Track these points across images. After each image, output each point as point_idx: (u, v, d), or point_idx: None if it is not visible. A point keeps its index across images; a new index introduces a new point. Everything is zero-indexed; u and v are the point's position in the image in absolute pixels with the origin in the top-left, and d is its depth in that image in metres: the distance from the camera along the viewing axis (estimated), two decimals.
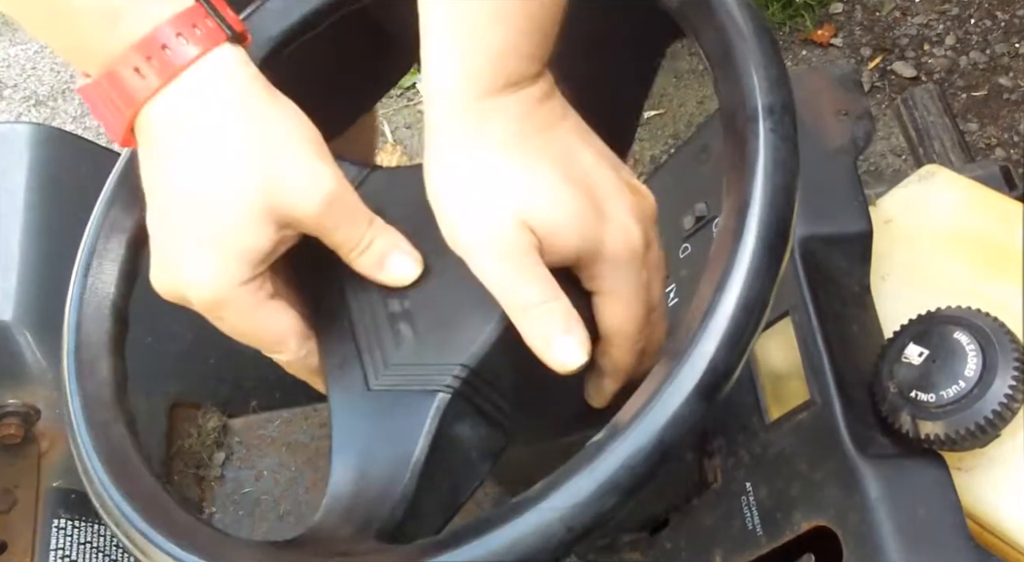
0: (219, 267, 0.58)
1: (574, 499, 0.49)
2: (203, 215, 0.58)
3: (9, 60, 2.43)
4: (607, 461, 0.50)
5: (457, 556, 0.50)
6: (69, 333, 0.64)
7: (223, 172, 0.58)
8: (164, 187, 0.60)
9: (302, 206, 0.58)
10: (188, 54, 0.57)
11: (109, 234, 0.66)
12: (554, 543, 0.50)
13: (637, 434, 0.50)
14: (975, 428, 0.62)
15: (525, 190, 0.56)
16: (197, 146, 0.58)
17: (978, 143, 1.77)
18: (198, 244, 0.58)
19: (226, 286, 0.58)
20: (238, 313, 0.59)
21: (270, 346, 0.61)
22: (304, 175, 0.58)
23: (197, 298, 0.59)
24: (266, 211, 0.58)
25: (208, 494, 1.01)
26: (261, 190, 0.57)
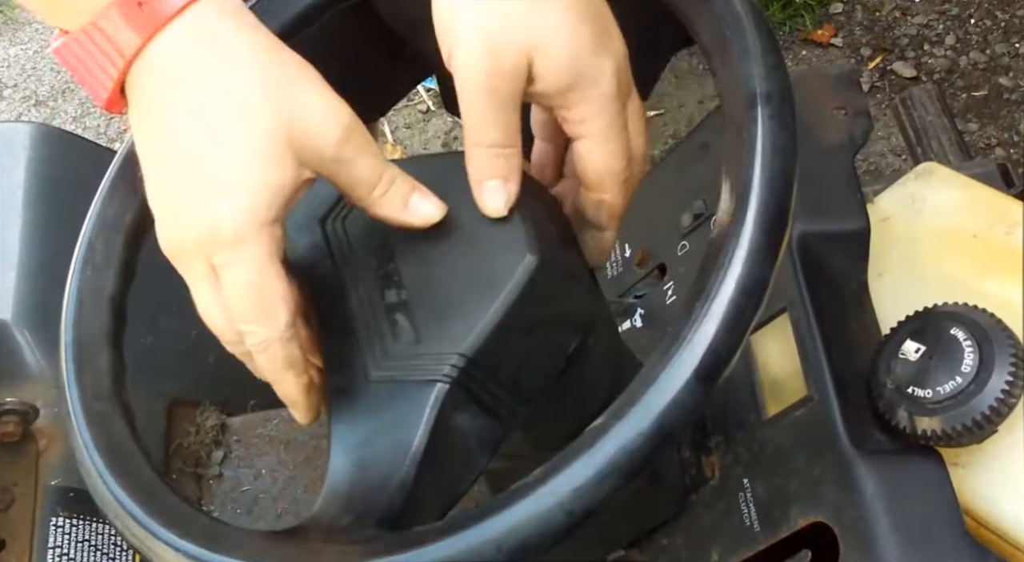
0: (243, 203, 0.55)
1: (574, 484, 0.49)
2: (221, 155, 0.55)
3: (9, 60, 2.43)
4: (607, 445, 0.50)
5: (456, 542, 0.50)
6: (67, 327, 0.64)
7: (238, 110, 0.55)
8: (171, 135, 0.57)
9: (323, 136, 0.56)
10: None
11: (107, 229, 0.66)
12: (554, 528, 0.50)
13: (636, 418, 0.50)
14: (972, 424, 0.62)
15: (536, 15, 0.57)
16: (207, 88, 0.56)
17: (978, 143, 1.77)
18: (222, 183, 0.55)
19: (250, 224, 0.55)
20: (251, 260, 0.56)
21: (263, 311, 0.58)
22: (321, 107, 0.57)
23: (217, 237, 0.56)
24: (286, 145, 0.56)
25: (206, 492, 1.01)
26: (279, 124, 0.55)
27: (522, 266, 0.58)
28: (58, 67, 2.37)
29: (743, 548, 0.69)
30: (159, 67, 0.56)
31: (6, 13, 2.52)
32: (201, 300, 0.59)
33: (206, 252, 0.57)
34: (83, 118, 2.28)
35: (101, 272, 0.65)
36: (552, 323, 0.61)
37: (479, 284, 0.58)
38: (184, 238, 0.57)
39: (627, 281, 0.87)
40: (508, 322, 0.57)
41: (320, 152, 0.57)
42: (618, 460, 0.50)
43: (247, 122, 0.55)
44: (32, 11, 0.60)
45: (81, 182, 1.02)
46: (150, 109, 0.57)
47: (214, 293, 0.58)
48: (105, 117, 2.28)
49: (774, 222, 0.53)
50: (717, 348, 0.51)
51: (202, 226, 0.56)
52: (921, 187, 0.79)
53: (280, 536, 0.57)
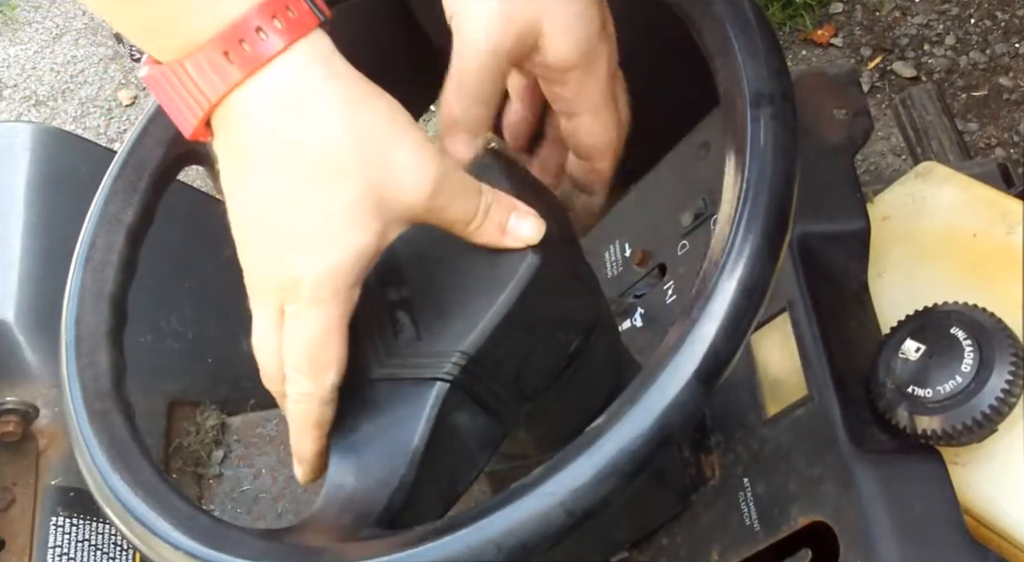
0: (327, 266, 0.55)
1: (573, 484, 0.49)
2: (313, 215, 0.55)
3: (9, 60, 2.43)
4: (607, 445, 0.50)
5: (456, 541, 0.50)
6: (68, 325, 0.64)
7: (329, 172, 0.55)
8: (259, 181, 0.56)
9: (414, 194, 0.56)
10: (280, 41, 0.54)
11: (108, 227, 0.66)
12: (554, 528, 0.50)
13: (637, 418, 0.50)
14: (972, 423, 0.62)
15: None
16: (297, 141, 0.55)
17: (978, 143, 1.77)
18: (308, 243, 0.55)
19: (331, 286, 0.56)
20: (322, 321, 0.57)
21: (316, 369, 0.58)
22: (411, 163, 0.56)
23: (296, 292, 0.56)
24: (375, 207, 0.55)
25: (206, 492, 1.01)
26: (370, 187, 0.55)
27: (524, 265, 0.58)
28: (58, 67, 2.38)
29: (743, 547, 0.69)
30: (249, 110, 0.55)
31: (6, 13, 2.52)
32: (260, 336, 0.59)
33: (281, 299, 0.57)
34: (83, 118, 2.28)
35: (102, 269, 0.65)
36: (553, 322, 0.61)
37: (481, 283, 0.58)
38: (264, 280, 0.58)
39: (627, 281, 0.87)
40: (509, 321, 0.57)
41: (412, 209, 0.57)
42: (618, 460, 0.50)
43: (338, 185, 0.55)
44: (127, 37, 0.59)
45: (81, 182, 1.02)
46: (238, 150, 0.57)
47: (275, 334, 0.58)
48: (105, 117, 2.28)
49: (775, 224, 0.53)
50: (717, 349, 0.51)
51: (284, 277, 0.56)
52: (921, 187, 0.79)
53: (280, 534, 0.57)
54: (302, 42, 0.54)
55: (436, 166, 0.57)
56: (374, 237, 0.56)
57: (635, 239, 0.88)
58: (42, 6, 2.52)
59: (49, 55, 2.41)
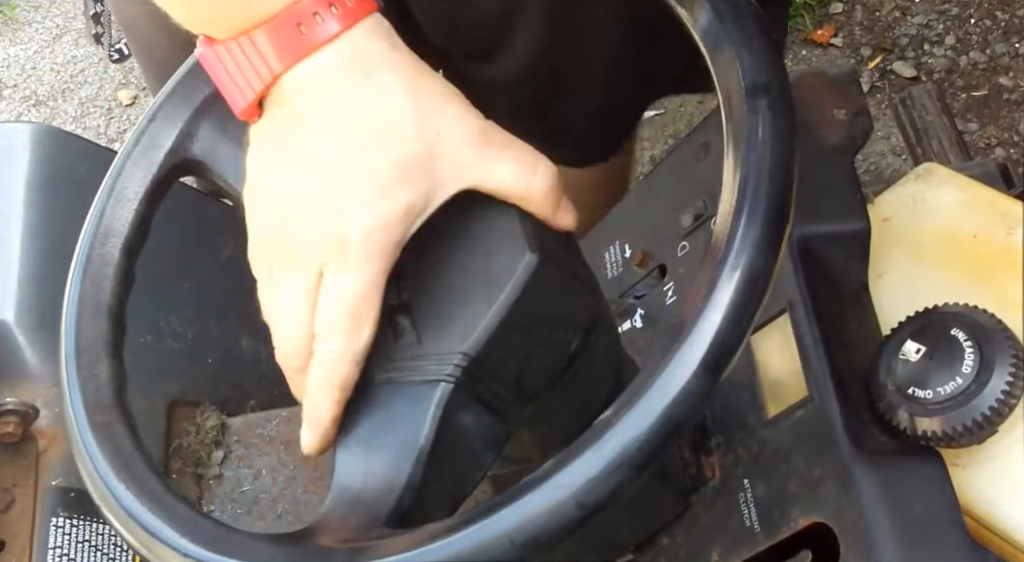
0: (379, 221, 0.57)
1: (585, 476, 0.49)
2: (364, 173, 0.57)
3: (9, 60, 2.43)
4: (616, 437, 0.50)
5: (469, 537, 0.50)
6: (67, 337, 0.64)
7: (386, 131, 0.57)
8: (314, 149, 0.58)
9: (464, 148, 0.58)
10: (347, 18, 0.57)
11: (104, 239, 0.66)
12: (566, 521, 0.50)
13: (645, 409, 0.50)
14: (972, 424, 0.62)
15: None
16: (355, 109, 0.57)
17: (978, 143, 1.77)
18: (361, 197, 0.57)
19: (380, 242, 0.57)
20: (367, 276, 0.58)
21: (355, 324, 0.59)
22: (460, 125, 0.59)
23: (343, 250, 0.57)
24: (427, 166, 0.57)
25: (207, 493, 1.01)
26: (425, 146, 0.57)
27: (522, 265, 0.58)
28: (58, 67, 2.37)
29: (743, 548, 0.69)
30: (307, 86, 0.58)
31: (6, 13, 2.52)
32: (291, 304, 0.60)
33: (322, 260, 0.58)
34: (83, 118, 2.28)
35: (99, 282, 0.65)
36: (553, 321, 0.61)
37: (480, 284, 0.58)
38: (306, 245, 0.59)
39: (627, 281, 0.87)
40: (510, 321, 0.58)
41: (465, 163, 0.58)
42: (628, 451, 0.50)
43: (393, 146, 0.57)
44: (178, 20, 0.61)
45: (81, 182, 1.02)
46: (292, 122, 0.59)
47: (308, 301, 0.59)
48: (105, 117, 2.28)
49: (776, 211, 0.53)
50: (723, 338, 0.51)
51: (330, 237, 0.57)
52: (921, 187, 0.79)
53: (290, 539, 0.57)
54: (367, 19, 0.58)
55: (480, 123, 0.59)
56: (423, 195, 0.58)
57: (635, 240, 0.88)
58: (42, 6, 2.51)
59: (49, 55, 2.40)
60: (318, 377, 0.60)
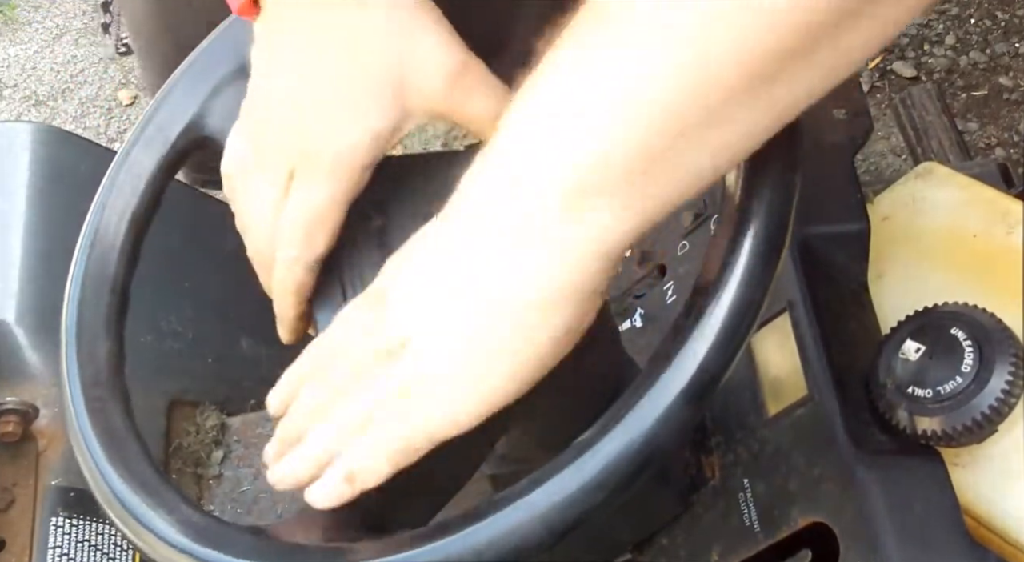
0: (348, 142, 0.59)
1: (555, 498, 0.49)
2: (337, 91, 0.59)
3: (9, 60, 2.43)
4: (591, 460, 0.49)
5: (435, 551, 0.49)
6: (69, 311, 0.64)
7: (358, 50, 0.59)
8: (299, 55, 0.60)
9: (435, 77, 0.59)
10: None
11: (112, 215, 0.66)
12: (533, 542, 0.49)
13: (623, 434, 0.49)
14: (972, 423, 0.62)
15: None
16: (340, 20, 0.59)
17: (978, 143, 1.77)
18: (334, 115, 0.59)
19: (348, 163, 0.59)
20: (330, 193, 0.60)
21: (310, 236, 0.61)
22: (435, 50, 0.60)
23: (314, 163, 0.59)
24: (398, 90, 0.59)
25: (206, 492, 1.01)
26: (393, 69, 0.59)
27: None
28: (58, 67, 2.37)
29: (743, 548, 0.69)
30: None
31: (6, 13, 2.52)
32: (262, 201, 0.62)
33: (292, 166, 0.60)
34: (83, 118, 2.28)
35: (105, 256, 0.65)
36: None
37: None
38: (281, 146, 0.61)
39: (626, 281, 0.87)
40: None
41: (435, 92, 0.60)
42: (602, 477, 0.49)
43: (364, 64, 0.59)
44: None
45: (81, 182, 1.02)
46: (280, 25, 0.61)
47: (278, 201, 0.61)
48: (105, 117, 2.28)
49: (770, 243, 0.52)
50: (707, 368, 0.50)
51: (305, 145, 0.60)
52: (921, 187, 0.79)
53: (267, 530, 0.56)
54: None
55: (460, 55, 0.60)
56: (392, 121, 0.59)
57: None
58: (42, 6, 2.51)
59: (49, 55, 2.40)
60: (279, 282, 0.63)
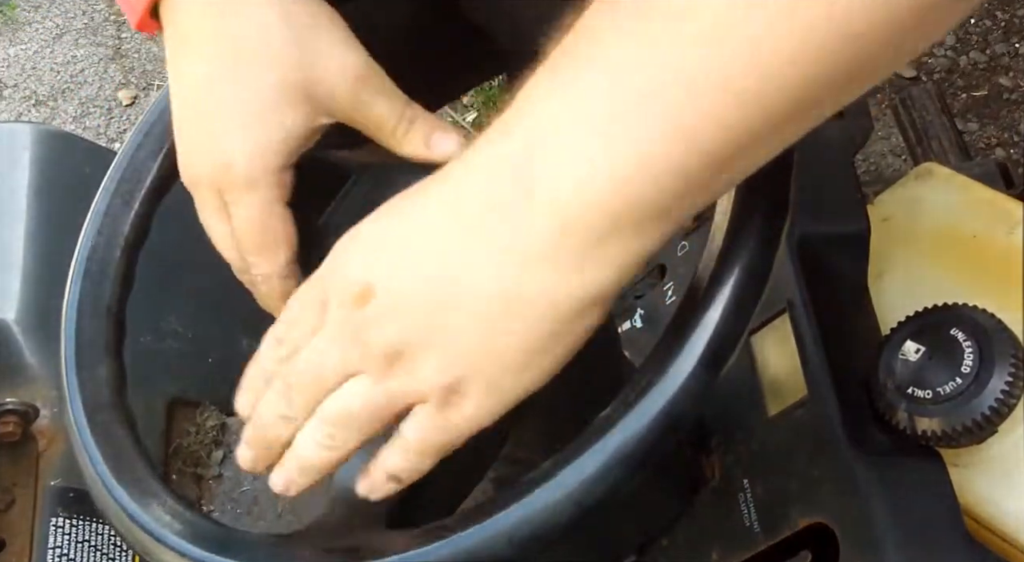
0: (255, 148, 0.59)
1: (582, 475, 0.49)
2: (242, 96, 0.58)
3: (9, 60, 2.43)
4: (616, 435, 0.50)
5: (467, 537, 0.50)
6: (67, 338, 0.64)
7: (259, 54, 0.58)
8: (194, 70, 0.60)
9: (338, 81, 0.59)
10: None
11: (104, 239, 0.66)
12: (564, 519, 0.49)
13: (645, 407, 0.50)
14: (972, 424, 0.62)
15: None
16: (231, 25, 0.58)
17: (978, 143, 1.77)
18: (238, 124, 0.59)
19: (260, 168, 0.59)
20: (258, 202, 0.60)
21: (266, 248, 0.61)
22: (338, 53, 0.59)
23: (229, 177, 0.59)
24: (302, 91, 0.58)
25: (206, 492, 1.01)
26: (296, 71, 0.58)
27: None
28: (58, 67, 2.37)
29: (743, 549, 0.68)
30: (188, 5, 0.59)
31: (6, 13, 2.52)
32: (213, 230, 0.63)
33: (217, 186, 0.60)
34: (83, 118, 2.28)
35: (99, 283, 0.65)
36: None
37: None
38: (199, 172, 0.61)
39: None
40: None
41: (335, 96, 0.59)
42: (626, 450, 0.50)
43: (265, 67, 0.58)
44: None
45: (81, 182, 1.02)
46: (179, 37, 0.60)
47: (225, 224, 0.61)
48: (105, 117, 2.28)
49: (774, 208, 0.53)
50: (721, 334, 0.51)
51: (216, 163, 0.59)
52: (921, 188, 0.79)
53: (289, 539, 0.56)
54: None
55: (361, 61, 0.60)
56: (301, 118, 0.59)
57: None
58: (42, 6, 2.51)
59: (49, 55, 2.40)
60: (263, 297, 0.63)
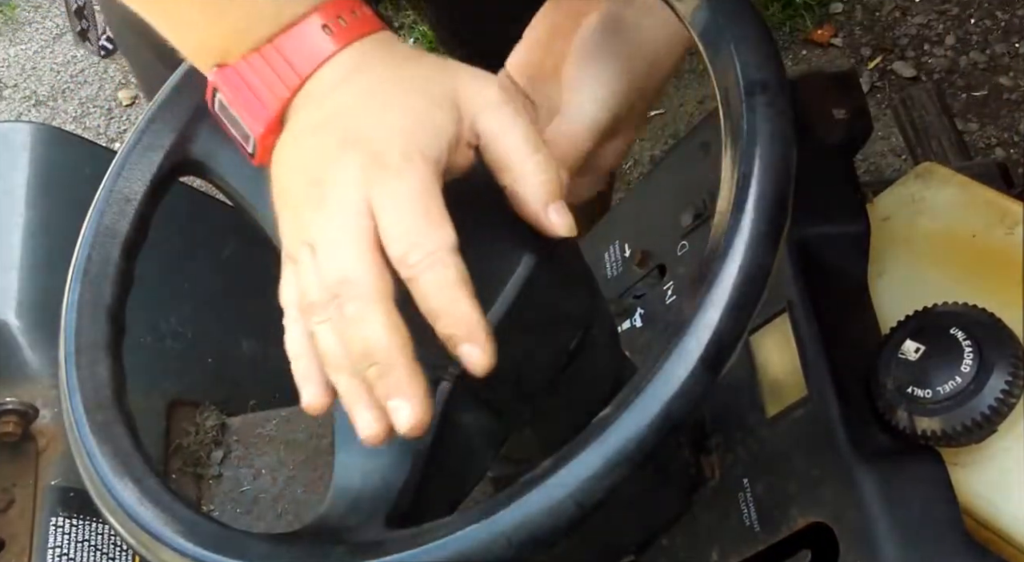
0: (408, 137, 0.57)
1: (583, 474, 0.49)
2: (389, 108, 0.58)
3: (9, 60, 2.43)
4: (615, 435, 0.50)
5: (466, 537, 0.50)
6: (66, 339, 0.64)
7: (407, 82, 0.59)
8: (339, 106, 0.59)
9: (482, 101, 0.59)
10: (358, 29, 0.60)
11: (103, 239, 0.66)
12: (564, 520, 0.49)
13: (643, 407, 0.50)
14: (971, 424, 0.62)
15: None
16: (379, 74, 0.60)
17: (978, 143, 1.77)
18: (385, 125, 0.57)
19: (416, 151, 0.56)
20: (418, 180, 0.56)
21: (433, 223, 0.55)
22: (479, 80, 0.60)
23: (383, 163, 0.56)
24: (452, 99, 0.58)
25: (206, 493, 1.00)
26: (446, 86, 0.59)
27: (520, 265, 0.58)
28: (58, 67, 2.37)
29: (743, 548, 0.69)
30: (328, 78, 0.60)
31: (6, 13, 2.52)
32: (345, 235, 0.56)
33: (367, 181, 0.56)
34: (83, 118, 2.28)
35: (99, 283, 0.65)
36: (551, 320, 0.61)
37: (478, 284, 0.58)
38: (345, 174, 0.56)
39: (627, 281, 0.87)
40: (509, 321, 0.58)
41: (488, 102, 0.59)
42: (626, 449, 0.50)
43: (414, 86, 0.59)
44: (182, 52, 0.63)
45: (81, 182, 1.02)
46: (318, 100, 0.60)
47: (366, 226, 0.55)
48: (105, 117, 2.28)
49: (775, 209, 0.53)
50: (722, 334, 0.51)
51: (367, 155, 0.56)
52: (921, 187, 0.79)
53: (288, 538, 0.56)
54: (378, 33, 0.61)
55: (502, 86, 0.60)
56: (451, 120, 0.58)
57: (635, 240, 0.88)
58: (42, 6, 2.52)
59: (49, 55, 2.40)
60: (435, 287, 0.55)
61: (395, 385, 0.54)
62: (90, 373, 0.63)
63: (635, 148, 1.94)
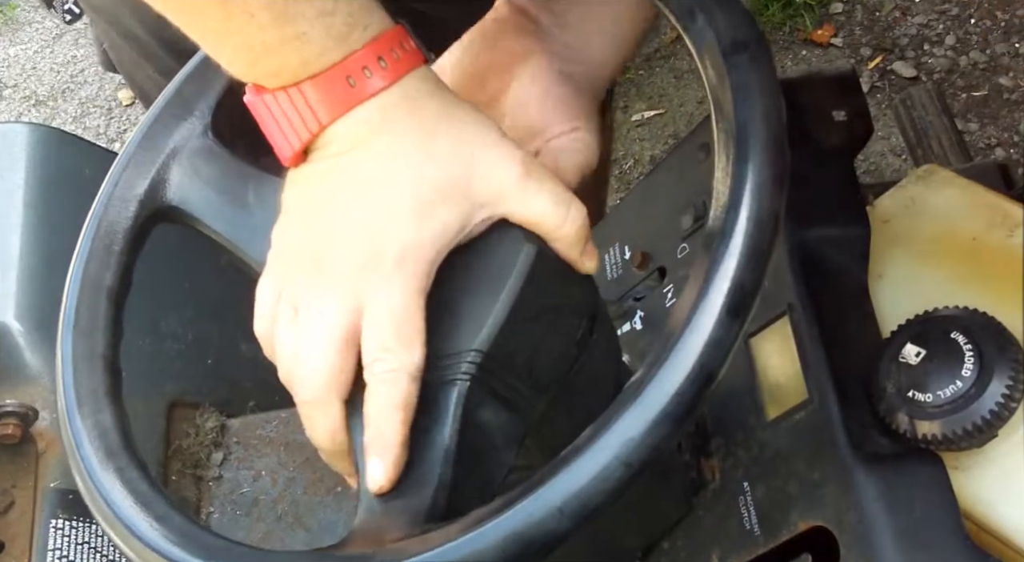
0: (411, 237, 0.58)
1: (627, 435, 0.50)
2: (399, 192, 0.58)
3: (9, 60, 2.43)
4: (653, 393, 0.50)
5: (519, 515, 0.50)
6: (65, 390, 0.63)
7: (424, 149, 0.59)
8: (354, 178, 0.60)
9: (504, 176, 0.59)
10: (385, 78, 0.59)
11: (89, 292, 0.66)
12: (613, 483, 0.50)
13: (677, 362, 0.50)
14: (972, 428, 0.62)
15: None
16: (399, 140, 0.59)
17: (978, 143, 1.77)
18: (391, 218, 0.58)
19: (413, 255, 0.58)
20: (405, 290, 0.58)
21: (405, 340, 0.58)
22: (500, 152, 0.60)
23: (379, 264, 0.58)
24: (463, 189, 0.59)
25: (206, 494, 1.00)
26: (462, 168, 0.59)
27: (522, 256, 0.59)
28: (58, 67, 2.37)
29: (743, 551, 0.68)
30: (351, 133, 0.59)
31: (6, 13, 2.52)
32: (318, 333, 0.59)
33: (359, 281, 0.58)
34: (83, 118, 2.28)
35: (90, 334, 0.65)
36: (558, 308, 0.62)
37: (482, 280, 0.58)
38: (342, 266, 0.59)
39: (627, 283, 0.87)
40: (516, 312, 0.58)
41: (503, 188, 0.59)
42: (666, 405, 0.50)
43: (431, 167, 0.59)
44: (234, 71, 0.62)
45: (81, 182, 1.02)
46: (334, 161, 0.60)
47: (342, 324, 0.58)
48: (105, 117, 2.28)
49: (775, 156, 0.53)
50: (742, 281, 0.51)
51: (366, 254, 0.58)
52: (921, 189, 0.79)
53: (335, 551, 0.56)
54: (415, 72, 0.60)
55: (522, 155, 0.60)
56: (460, 216, 0.59)
57: (635, 242, 0.88)
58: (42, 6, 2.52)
59: (49, 55, 2.40)
60: (380, 401, 0.58)
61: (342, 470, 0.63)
62: (95, 421, 0.62)
63: (635, 148, 1.94)
